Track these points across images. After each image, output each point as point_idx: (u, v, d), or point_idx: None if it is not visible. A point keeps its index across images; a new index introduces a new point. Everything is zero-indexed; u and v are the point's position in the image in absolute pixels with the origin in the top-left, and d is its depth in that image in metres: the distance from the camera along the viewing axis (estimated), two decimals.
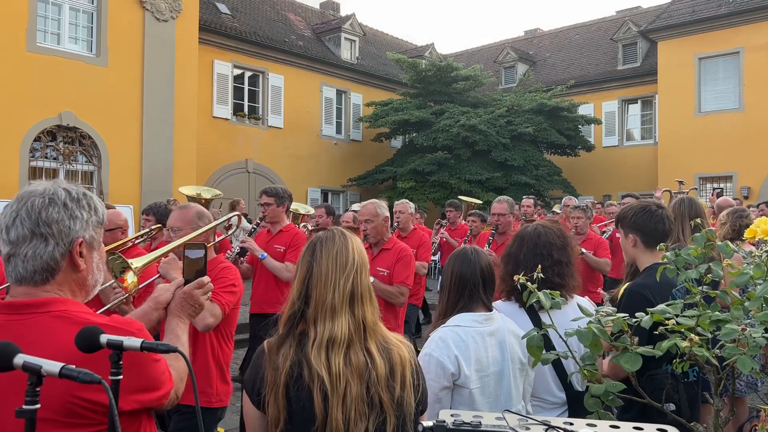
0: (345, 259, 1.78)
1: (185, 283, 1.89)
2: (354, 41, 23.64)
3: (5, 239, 1.48)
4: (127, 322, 1.48)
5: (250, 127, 19.77)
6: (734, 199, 10.79)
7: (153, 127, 14.68)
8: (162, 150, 14.81)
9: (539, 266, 2.14)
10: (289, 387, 1.67)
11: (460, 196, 12.21)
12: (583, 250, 6.40)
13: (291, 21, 22.79)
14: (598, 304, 4.77)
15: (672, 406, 2.24)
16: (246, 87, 19.85)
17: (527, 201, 8.63)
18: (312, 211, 8.04)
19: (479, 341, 2.37)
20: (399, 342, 1.82)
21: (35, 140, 13.32)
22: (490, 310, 2.48)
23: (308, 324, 1.74)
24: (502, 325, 2.47)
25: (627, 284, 2.88)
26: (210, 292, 1.92)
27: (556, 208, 11.60)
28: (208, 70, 18.20)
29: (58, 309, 1.45)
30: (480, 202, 11.58)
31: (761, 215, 6.85)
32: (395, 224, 6.58)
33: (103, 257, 1.63)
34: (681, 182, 5.93)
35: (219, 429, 5.03)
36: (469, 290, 2.45)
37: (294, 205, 7.98)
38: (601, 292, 5.89)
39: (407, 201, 6.93)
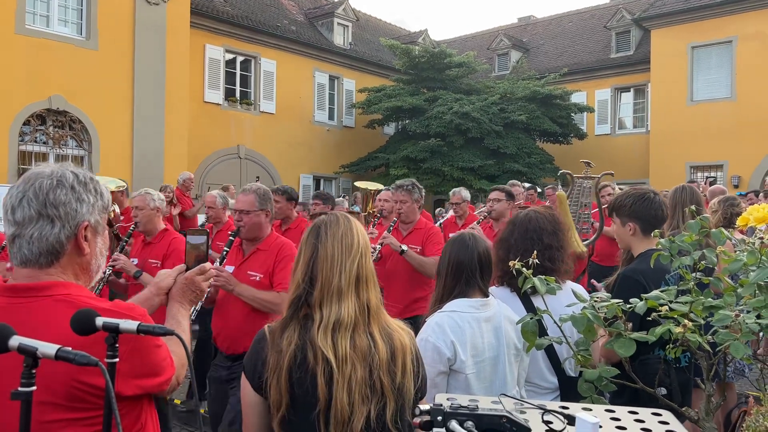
0: (350, 242, 1.78)
1: (187, 269, 1.88)
2: (347, 27, 23.47)
3: (11, 219, 1.47)
4: (129, 307, 1.48)
5: (242, 112, 19.65)
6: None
7: (144, 112, 14.56)
8: (153, 135, 14.70)
9: (535, 252, 2.15)
10: (292, 370, 1.67)
11: (357, 182, 10.71)
12: (404, 248, 4.71)
13: (283, 5, 22.59)
14: (413, 319, 4.30)
15: (663, 391, 2.26)
16: (238, 72, 19.69)
17: (385, 194, 5.82)
18: (121, 185, 7.68)
19: (475, 327, 2.39)
20: (400, 328, 1.83)
21: (24, 124, 13.18)
22: (487, 296, 2.50)
23: (313, 307, 1.74)
24: (498, 310, 2.48)
25: (620, 270, 2.90)
26: (212, 279, 1.91)
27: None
28: (199, 54, 18.04)
29: (61, 293, 1.44)
30: (382, 187, 9.71)
31: (750, 203, 6.89)
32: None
33: (107, 242, 1.62)
34: (588, 164, 5.67)
35: (200, 410, 5.00)
36: (466, 276, 2.46)
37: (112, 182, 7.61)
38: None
39: (218, 192, 5.12)
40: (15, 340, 1.13)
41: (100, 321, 1.25)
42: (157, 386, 1.49)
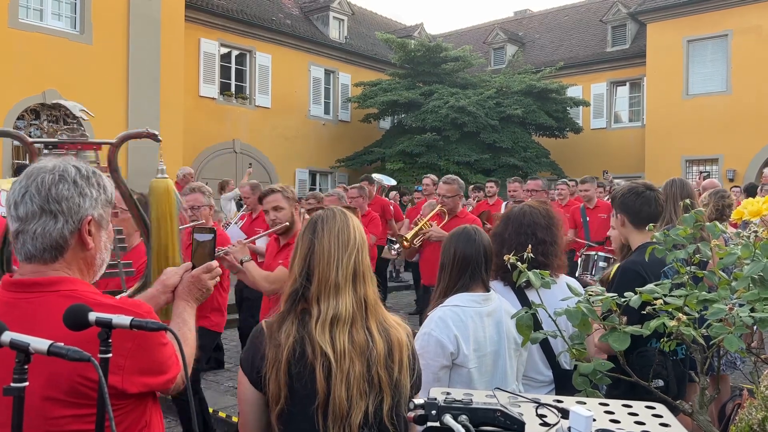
0: (347, 237, 1.78)
1: (193, 267, 1.86)
2: (342, 20, 23.40)
3: (14, 215, 1.47)
4: (136, 304, 1.48)
5: (238, 106, 19.58)
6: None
7: (139, 107, 14.48)
8: None
9: (529, 246, 2.15)
10: (291, 364, 1.67)
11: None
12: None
13: None
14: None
15: (660, 382, 2.27)
16: (233, 66, 19.62)
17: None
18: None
19: (477, 321, 2.39)
20: (397, 324, 1.83)
21: (18, 118, 13.10)
22: (489, 290, 2.50)
23: (310, 302, 1.74)
24: (499, 305, 2.49)
25: (620, 263, 2.92)
26: (218, 277, 1.89)
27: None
28: (194, 48, 17.95)
29: (67, 288, 1.44)
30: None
31: (747, 197, 6.91)
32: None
33: (111, 237, 1.62)
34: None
35: (210, 409, 5.02)
36: (471, 269, 2.46)
37: None
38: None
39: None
40: (6, 336, 1.13)
41: (92, 316, 1.25)
42: (162, 384, 1.49)
